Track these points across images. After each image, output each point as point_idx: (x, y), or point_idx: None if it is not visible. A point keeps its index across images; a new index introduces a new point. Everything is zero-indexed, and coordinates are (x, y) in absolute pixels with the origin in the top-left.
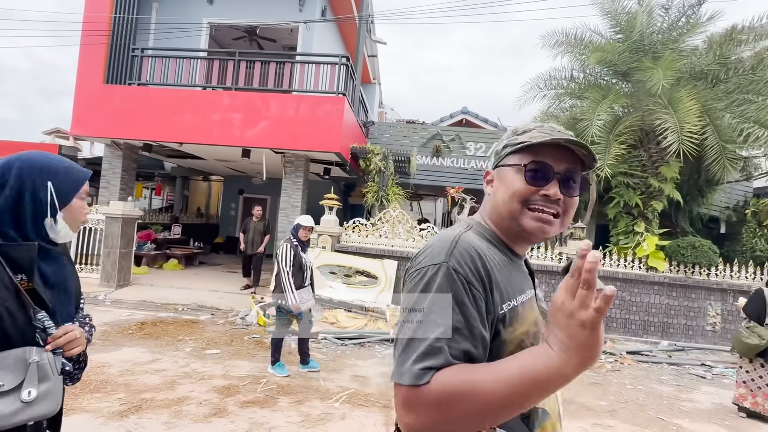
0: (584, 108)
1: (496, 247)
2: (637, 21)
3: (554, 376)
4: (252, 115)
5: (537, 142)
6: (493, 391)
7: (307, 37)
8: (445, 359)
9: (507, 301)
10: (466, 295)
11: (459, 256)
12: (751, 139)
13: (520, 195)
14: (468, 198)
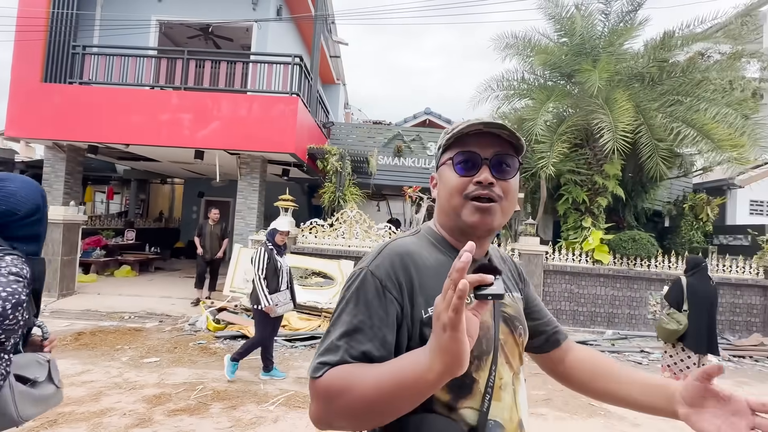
0: (531, 108)
1: (439, 250)
2: (577, 25)
3: (419, 381)
4: (203, 115)
5: (458, 132)
6: (365, 391)
7: (261, 37)
8: (340, 357)
9: (433, 305)
10: (377, 299)
11: (380, 261)
12: (680, 137)
13: (455, 187)
14: (425, 197)
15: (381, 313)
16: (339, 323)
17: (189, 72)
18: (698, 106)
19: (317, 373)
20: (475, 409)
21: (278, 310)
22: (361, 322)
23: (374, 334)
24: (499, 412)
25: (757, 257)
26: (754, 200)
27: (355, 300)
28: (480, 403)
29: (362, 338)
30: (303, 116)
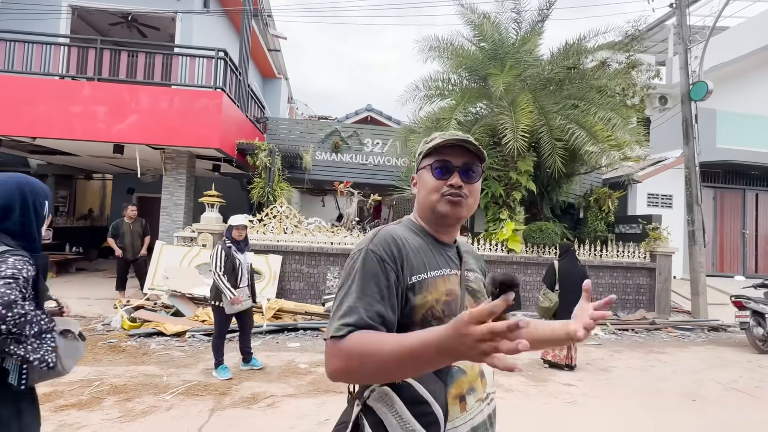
0: (448, 108)
1: (418, 235)
2: (487, 32)
3: (430, 361)
4: (119, 108)
5: (436, 145)
6: (385, 357)
7: (185, 28)
8: (359, 317)
9: (417, 274)
10: (380, 270)
11: (377, 242)
12: (574, 137)
13: (433, 188)
14: (356, 192)
15: (384, 281)
16: (352, 292)
17: (103, 62)
18: (589, 109)
19: (341, 333)
20: None
21: (235, 307)
22: (370, 288)
23: (381, 296)
24: (463, 361)
25: (645, 243)
26: (651, 193)
27: (362, 273)
28: None
29: (373, 301)
30: (230, 111)
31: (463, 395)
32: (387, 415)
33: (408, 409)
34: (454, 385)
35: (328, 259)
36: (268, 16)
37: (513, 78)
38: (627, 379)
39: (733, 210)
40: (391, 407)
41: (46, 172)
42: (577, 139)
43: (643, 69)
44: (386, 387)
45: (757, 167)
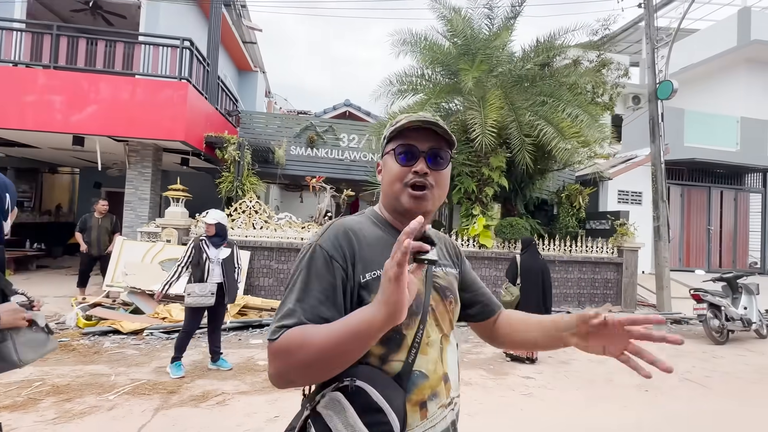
0: (419, 103)
1: (379, 227)
2: (457, 27)
3: (367, 328)
4: (78, 98)
5: (400, 127)
6: (320, 342)
7: (151, 16)
8: (297, 319)
9: (371, 271)
10: (326, 267)
11: (326, 236)
12: (542, 134)
13: (396, 175)
14: (328, 187)
15: (330, 279)
16: (294, 291)
17: (60, 49)
18: (558, 106)
19: (275, 335)
20: (401, 361)
21: (189, 300)
22: (313, 288)
23: (325, 297)
24: (424, 364)
25: (612, 239)
26: (621, 190)
27: (306, 270)
28: (407, 355)
29: (315, 302)
30: (196, 103)
31: (425, 401)
32: (336, 423)
33: (360, 417)
34: (414, 391)
35: (297, 254)
36: (242, 6)
37: (483, 73)
38: (585, 372)
39: (699, 207)
40: (341, 414)
41: (4, 164)
42: (545, 136)
43: (612, 68)
44: (337, 392)
45: (722, 165)
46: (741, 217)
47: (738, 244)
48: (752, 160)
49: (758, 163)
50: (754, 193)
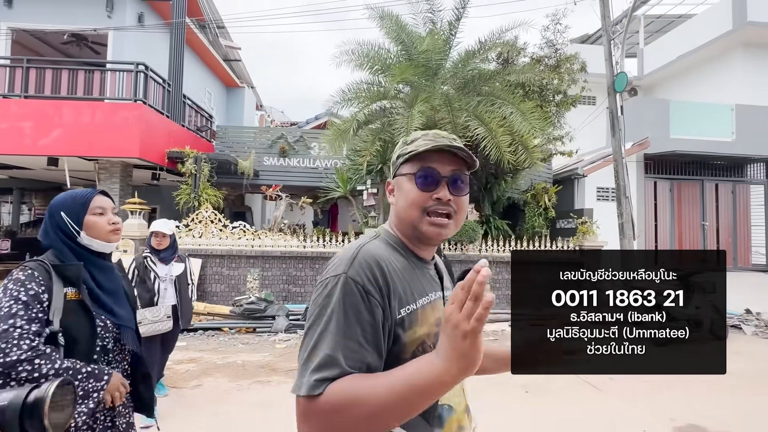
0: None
1: (400, 253)
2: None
3: (435, 384)
4: (45, 123)
5: (422, 150)
6: (379, 399)
7: (117, 44)
8: (340, 370)
9: (405, 306)
10: (363, 305)
11: (358, 267)
12: (476, 134)
13: (415, 201)
14: (284, 196)
15: (369, 318)
16: (327, 333)
17: (29, 80)
18: (492, 105)
19: (317, 391)
20: None
21: (142, 329)
22: (352, 330)
23: (366, 339)
24: (449, 397)
25: (574, 238)
26: (600, 187)
27: (341, 307)
28: None
29: (356, 346)
30: (154, 121)
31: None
32: None
33: None
34: (445, 425)
35: (248, 261)
36: (219, 27)
37: (422, 77)
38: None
39: (692, 201)
40: None
41: (10, 185)
42: (478, 135)
43: (571, 61)
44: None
45: (717, 157)
46: (741, 210)
47: (739, 240)
48: (751, 149)
49: (759, 153)
50: (755, 185)
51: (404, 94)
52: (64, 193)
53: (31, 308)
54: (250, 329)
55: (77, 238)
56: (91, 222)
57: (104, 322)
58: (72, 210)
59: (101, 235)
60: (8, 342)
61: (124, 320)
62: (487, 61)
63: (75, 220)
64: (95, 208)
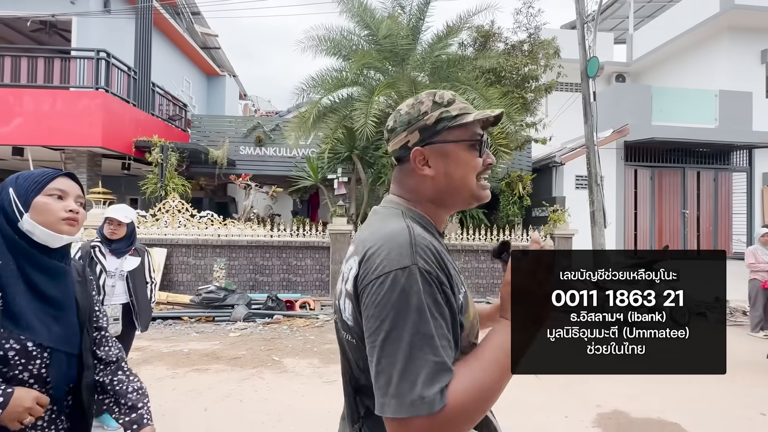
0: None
1: (433, 234)
2: (355, 8)
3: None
4: (4, 112)
5: (482, 116)
6: (491, 378)
7: (83, 31)
8: (451, 372)
9: (460, 290)
10: (441, 297)
11: (424, 255)
12: None
13: (475, 167)
14: (253, 185)
15: (448, 312)
16: (425, 337)
17: None
18: (456, 92)
19: (439, 406)
20: None
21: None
22: (442, 328)
23: (451, 332)
24: None
25: (546, 226)
26: (579, 175)
27: (426, 305)
28: None
29: (447, 343)
30: (118, 110)
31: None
32: None
33: None
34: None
35: (215, 250)
36: (194, 14)
37: (384, 62)
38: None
39: (673, 189)
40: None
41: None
42: None
43: (546, 47)
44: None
45: (699, 144)
46: (722, 198)
47: (720, 228)
48: (735, 136)
49: (742, 140)
50: (738, 173)
51: (368, 81)
52: (24, 171)
53: None
54: (210, 318)
55: (18, 222)
56: (40, 204)
57: (22, 344)
58: (22, 188)
59: (49, 221)
60: None
61: (56, 344)
62: (464, 47)
63: (23, 201)
64: (53, 189)
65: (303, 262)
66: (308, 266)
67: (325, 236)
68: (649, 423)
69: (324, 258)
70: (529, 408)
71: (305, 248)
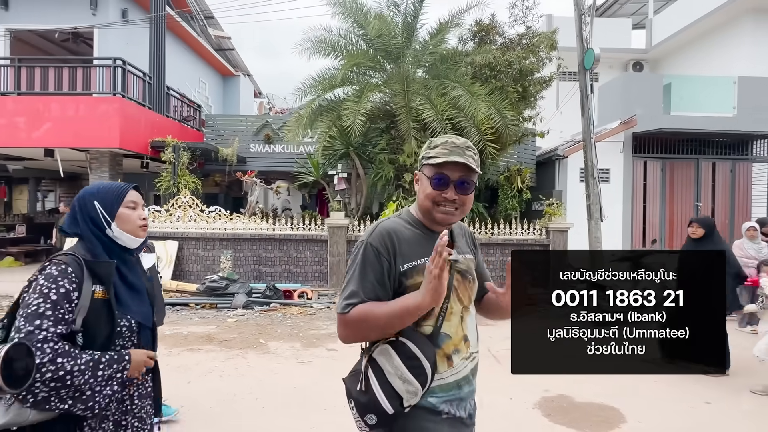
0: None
1: (413, 226)
2: (350, 6)
3: (416, 308)
4: (36, 117)
5: (438, 162)
6: (381, 315)
7: (103, 40)
8: (359, 299)
9: (409, 262)
10: (376, 260)
11: (375, 235)
12: (426, 116)
13: (430, 196)
14: (258, 181)
15: (379, 268)
16: (354, 277)
17: (21, 78)
18: (444, 88)
19: (346, 310)
20: (432, 326)
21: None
22: (369, 275)
23: (378, 281)
24: (448, 328)
25: (542, 220)
26: (583, 168)
27: (362, 262)
28: (435, 321)
29: (370, 285)
30: (135, 113)
31: (450, 355)
32: (386, 364)
33: (402, 361)
34: (442, 346)
35: (222, 243)
36: (207, 18)
37: (376, 61)
38: None
39: (686, 181)
40: (390, 359)
41: (25, 175)
42: (426, 118)
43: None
44: (387, 344)
45: (718, 134)
46: (740, 190)
47: (737, 221)
48: (755, 125)
49: (763, 129)
50: (759, 163)
51: (362, 80)
52: (96, 183)
53: (59, 308)
54: (213, 305)
55: (107, 230)
56: (124, 215)
57: (129, 322)
58: (106, 200)
59: (131, 228)
60: (32, 345)
61: (143, 319)
62: (464, 41)
63: (108, 211)
64: (129, 202)
65: (303, 254)
66: (308, 258)
67: (323, 230)
68: (590, 407)
69: (323, 250)
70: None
71: (305, 241)
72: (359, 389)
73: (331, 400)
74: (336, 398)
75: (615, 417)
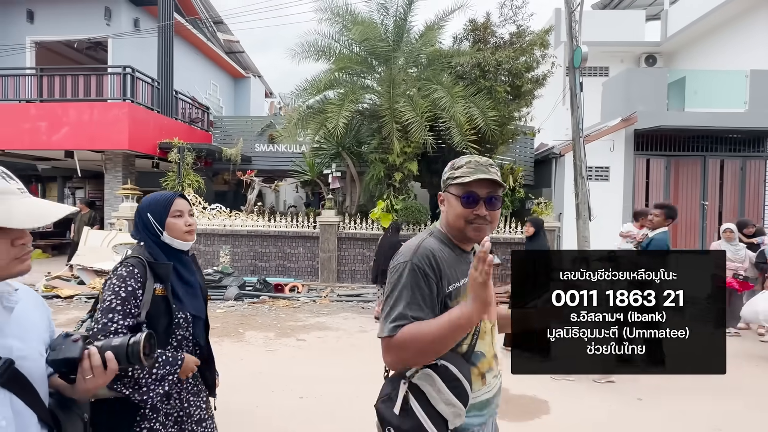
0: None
1: (448, 246)
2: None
3: (464, 320)
4: (56, 122)
5: (466, 181)
6: (430, 333)
7: (117, 49)
8: (407, 321)
9: (452, 284)
10: (424, 281)
11: (420, 256)
12: (409, 118)
13: (461, 215)
14: (257, 180)
15: (427, 291)
16: (401, 300)
17: (43, 86)
18: (428, 90)
19: (393, 333)
20: (468, 345)
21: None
22: (415, 299)
23: (425, 304)
24: (482, 347)
25: None
26: None
27: (408, 284)
28: (470, 341)
29: (418, 309)
30: (143, 117)
31: (484, 373)
32: (429, 390)
33: (445, 384)
34: (478, 365)
35: (221, 238)
36: (216, 23)
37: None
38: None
39: (692, 179)
40: (433, 384)
41: (53, 174)
42: (408, 120)
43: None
44: (428, 369)
45: (727, 130)
46: (751, 188)
47: None
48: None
49: None
50: None
51: (350, 83)
52: (151, 196)
53: (128, 304)
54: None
55: (161, 237)
56: (171, 224)
57: (185, 314)
58: (156, 212)
59: (179, 235)
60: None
61: (196, 312)
62: (458, 41)
63: (158, 221)
64: (174, 211)
65: (296, 250)
66: (300, 254)
67: (315, 227)
68: (522, 398)
69: (314, 247)
70: None
71: (298, 238)
72: (399, 416)
73: (281, 384)
74: (286, 382)
75: (540, 409)
